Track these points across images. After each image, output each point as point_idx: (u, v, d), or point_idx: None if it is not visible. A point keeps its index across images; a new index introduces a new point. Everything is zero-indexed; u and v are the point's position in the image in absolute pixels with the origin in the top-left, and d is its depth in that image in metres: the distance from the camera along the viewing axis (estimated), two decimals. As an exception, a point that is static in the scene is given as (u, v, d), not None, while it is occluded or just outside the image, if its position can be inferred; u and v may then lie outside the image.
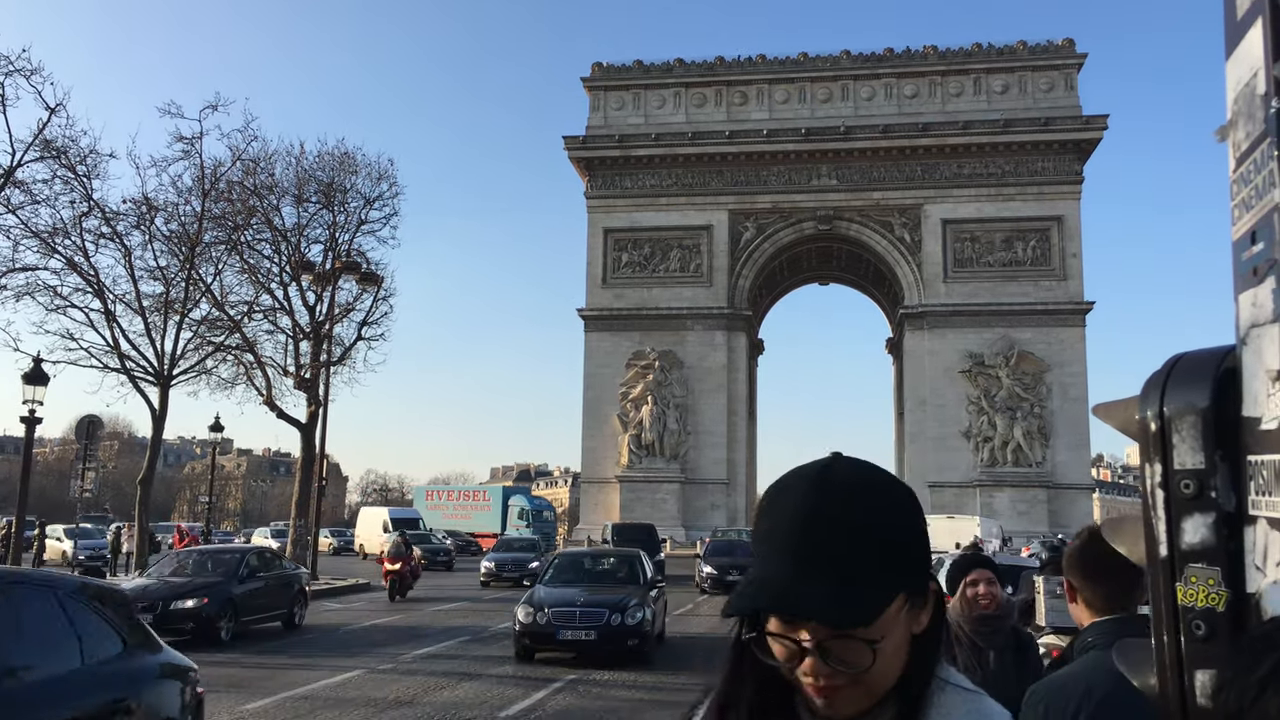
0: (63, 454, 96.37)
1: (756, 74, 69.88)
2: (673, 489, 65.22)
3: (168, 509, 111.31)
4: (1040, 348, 62.93)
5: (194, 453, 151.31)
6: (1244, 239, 0.94)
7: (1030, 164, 65.56)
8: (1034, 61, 66.83)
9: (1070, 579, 2.70)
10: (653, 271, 68.64)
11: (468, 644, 18.74)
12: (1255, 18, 0.91)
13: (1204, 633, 0.98)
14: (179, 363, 26.77)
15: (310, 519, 34.36)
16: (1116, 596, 2.61)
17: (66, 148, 24.21)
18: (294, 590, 21.04)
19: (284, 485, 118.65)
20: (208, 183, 28.80)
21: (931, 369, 64.34)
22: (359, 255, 35.20)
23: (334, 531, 66.58)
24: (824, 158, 67.82)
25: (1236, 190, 0.97)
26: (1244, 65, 0.94)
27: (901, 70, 68.20)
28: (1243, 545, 0.95)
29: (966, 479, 62.57)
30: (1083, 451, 64.18)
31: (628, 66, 71.73)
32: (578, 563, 19.44)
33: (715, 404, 66.92)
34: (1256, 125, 0.92)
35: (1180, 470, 1.00)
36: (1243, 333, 0.94)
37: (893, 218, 66.93)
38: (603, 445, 67.57)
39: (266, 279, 33.57)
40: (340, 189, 35.40)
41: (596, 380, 67.96)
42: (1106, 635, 2.49)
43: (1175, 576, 1.00)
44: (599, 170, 70.15)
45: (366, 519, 58.95)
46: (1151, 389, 1.05)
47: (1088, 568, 2.63)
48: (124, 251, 26.09)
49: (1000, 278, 64.68)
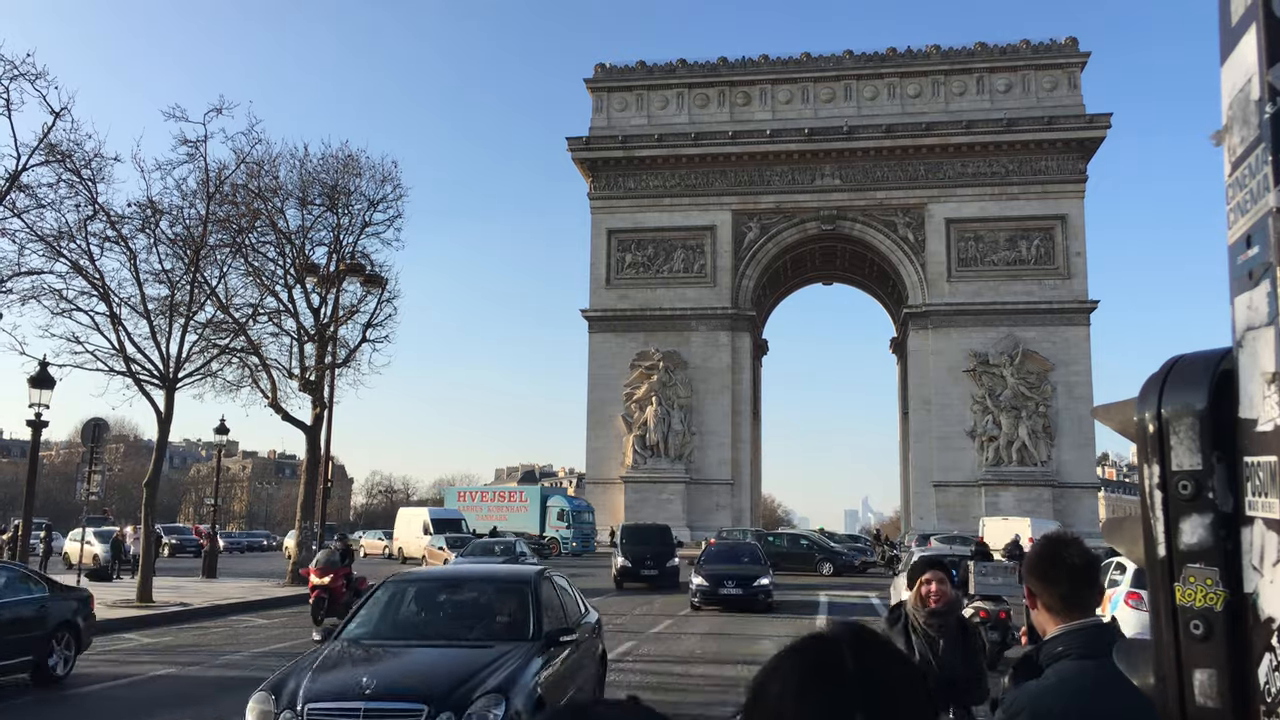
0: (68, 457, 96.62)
1: (759, 74, 69.88)
2: (678, 489, 65.20)
3: (173, 512, 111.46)
4: (1045, 346, 62.85)
5: (199, 455, 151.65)
6: (1239, 242, 0.95)
7: (1034, 163, 65.47)
8: (1037, 60, 66.75)
9: (1029, 586, 2.75)
10: (656, 272, 68.65)
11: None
12: (1249, 25, 0.92)
13: (1202, 632, 0.98)
14: (184, 365, 26.75)
15: (316, 521, 34.39)
16: (1073, 598, 2.65)
17: (72, 151, 24.21)
18: (52, 624, 14.31)
19: (289, 487, 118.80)
20: (212, 186, 28.81)
21: (936, 368, 64.26)
22: (363, 257, 35.22)
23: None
24: (827, 157, 67.79)
25: (1232, 194, 0.97)
26: (1238, 71, 0.94)
27: (904, 70, 68.15)
28: (1240, 545, 0.95)
29: (971, 478, 62.48)
30: (1088, 450, 64.06)
31: (631, 67, 71.76)
32: (425, 594, 10.39)
33: (719, 404, 66.91)
34: (1251, 130, 0.93)
35: (1178, 471, 1.00)
36: (1239, 336, 0.94)
37: (896, 217, 66.88)
38: (607, 446, 67.58)
39: (271, 281, 33.62)
40: (344, 191, 35.44)
41: (601, 381, 67.97)
42: (1075, 643, 2.54)
43: (1174, 576, 1.01)
44: (602, 171, 70.17)
45: (405, 520, 54.88)
46: (1149, 391, 1.06)
47: (1043, 571, 2.69)
48: (129, 255, 26.08)
49: (1004, 277, 64.61)
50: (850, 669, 1.02)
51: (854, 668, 1.02)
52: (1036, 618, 2.76)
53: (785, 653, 1.10)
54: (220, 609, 24.98)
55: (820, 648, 1.07)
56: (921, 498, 64.39)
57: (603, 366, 67.99)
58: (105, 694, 13.79)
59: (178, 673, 15.38)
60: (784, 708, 1.02)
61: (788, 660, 1.07)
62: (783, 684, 1.04)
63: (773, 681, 1.06)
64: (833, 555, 43.20)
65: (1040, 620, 2.73)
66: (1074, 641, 2.57)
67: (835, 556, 43.09)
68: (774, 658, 1.10)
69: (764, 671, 1.09)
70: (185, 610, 23.51)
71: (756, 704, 1.07)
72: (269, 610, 25.85)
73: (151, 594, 24.82)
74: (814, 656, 1.06)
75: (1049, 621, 2.68)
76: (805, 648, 1.09)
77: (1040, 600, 2.72)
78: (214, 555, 37.47)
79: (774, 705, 1.03)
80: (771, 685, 1.06)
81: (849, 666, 1.02)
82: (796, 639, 1.14)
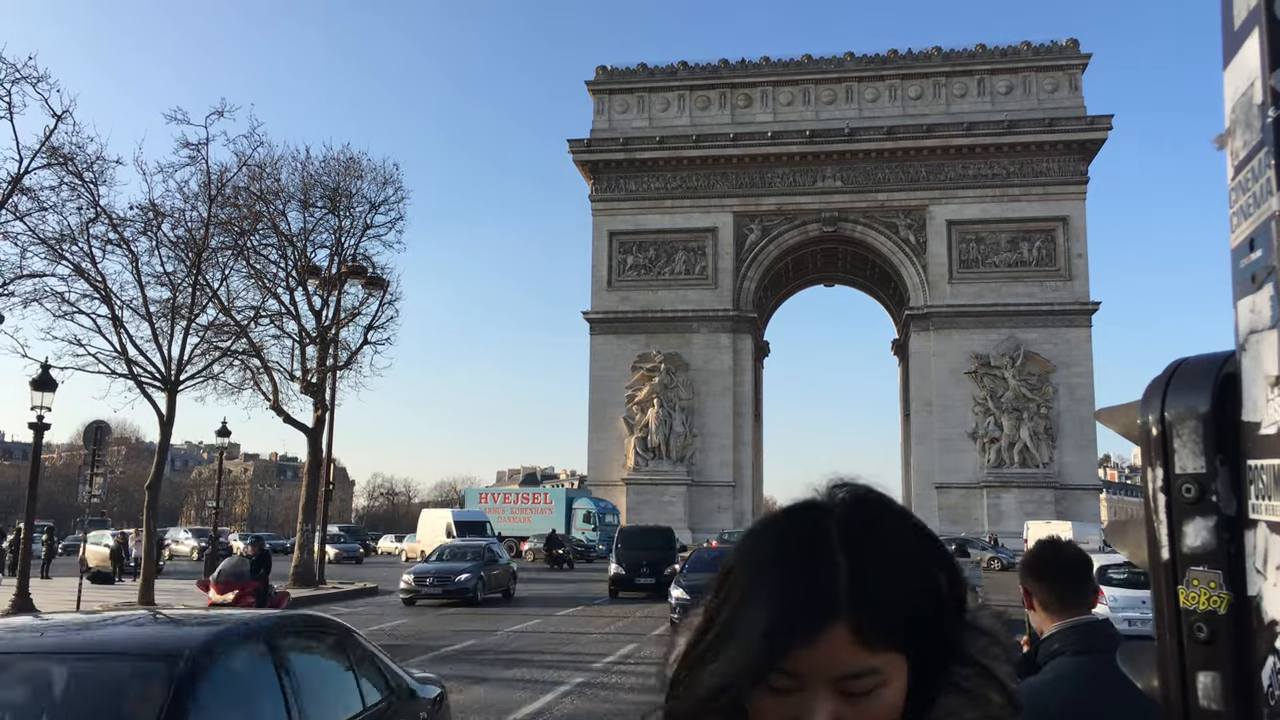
0: (70, 459, 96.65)
1: (760, 76, 69.93)
2: (679, 491, 65.21)
3: (175, 514, 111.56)
4: (1046, 348, 62.83)
5: (201, 458, 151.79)
6: (1242, 246, 0.95)
7: (1035, 164, 65.49)
8: (1038, 62, 66.78)
9: (1025, 586, 2.84)
10: (658, 274, 68.69)
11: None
12: (1252, 28, 0.92)
13: (1205, 635, 0.98)
14: (186, 368, 26.77)
15: (318, 523, 34.42)
16: (1068, 595, 2.74)
17: (73, 154, 24.24)
18: None
19: (291, 489, 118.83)
20: (214, 188, 28.85)
21: (937, 370, 64.25)
22: (365, 259, 35.26)
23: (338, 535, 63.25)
24: (828, 159, 67.82)
25: (1235, 198, 0.98)
26: (1241, 75, 0.95)
27: (905, 72, 68.19)
28: (1243, 549, 0.96)
29: (973, 480, 62.46)
30: (1090, 452, 64.03)
31: (632, 69, 71.83)
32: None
33: (721, 406, 66.93)
34: (1254, 134, 0.93)
35: (1182, 474, 1.01)
36: (1242, 339, 0.95)
37: (897, 219, 66.90)
38: (609, 448, 67.61)
39: (273, 284, 33.63)
40: (346, 193, 35.46)
41: (602, 383, 68.01)
42: (1071, 640, 2.62)
43: (1177, 579, 1.01)
44: (604, 173, 70.22)
45: (428, 522, 53.67)
46: (1153, 394, 1.06)
47: (1037, 570, 2.81)
48: (131, 257, 26.10)
49: (1006, 278, 64.61)
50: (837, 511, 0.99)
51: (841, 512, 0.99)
52: (1034, 618, 2.83)
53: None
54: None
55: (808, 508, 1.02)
56: (923, 499, 64.35)
57: (604, 369, 68.03)
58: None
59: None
60: (762, 538, 1.00)
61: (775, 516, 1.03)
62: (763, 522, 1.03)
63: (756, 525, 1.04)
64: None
65: (1037, 620, 2.81)
66: (1070, 639, 2.63)
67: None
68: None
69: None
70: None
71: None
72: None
73: (153, 598, 24.84)
74: (801, 512, 1.01)
75: (1046, 620, 2.75)
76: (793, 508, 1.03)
77: (1037, 599, 2.79)
78: (216, 559, 37.51)
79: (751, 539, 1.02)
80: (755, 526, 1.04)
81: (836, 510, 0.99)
82: None
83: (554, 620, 23.87)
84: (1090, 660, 2.53)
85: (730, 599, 0.98)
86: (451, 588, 27.02)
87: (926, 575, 0.97)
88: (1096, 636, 2.63)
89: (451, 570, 27.64)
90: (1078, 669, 2.53)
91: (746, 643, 0.92)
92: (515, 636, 20.38)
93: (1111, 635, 2.70)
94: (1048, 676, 2.56)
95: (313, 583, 32.18)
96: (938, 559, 1.00)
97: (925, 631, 0.95)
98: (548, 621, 23.45)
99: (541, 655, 17.48)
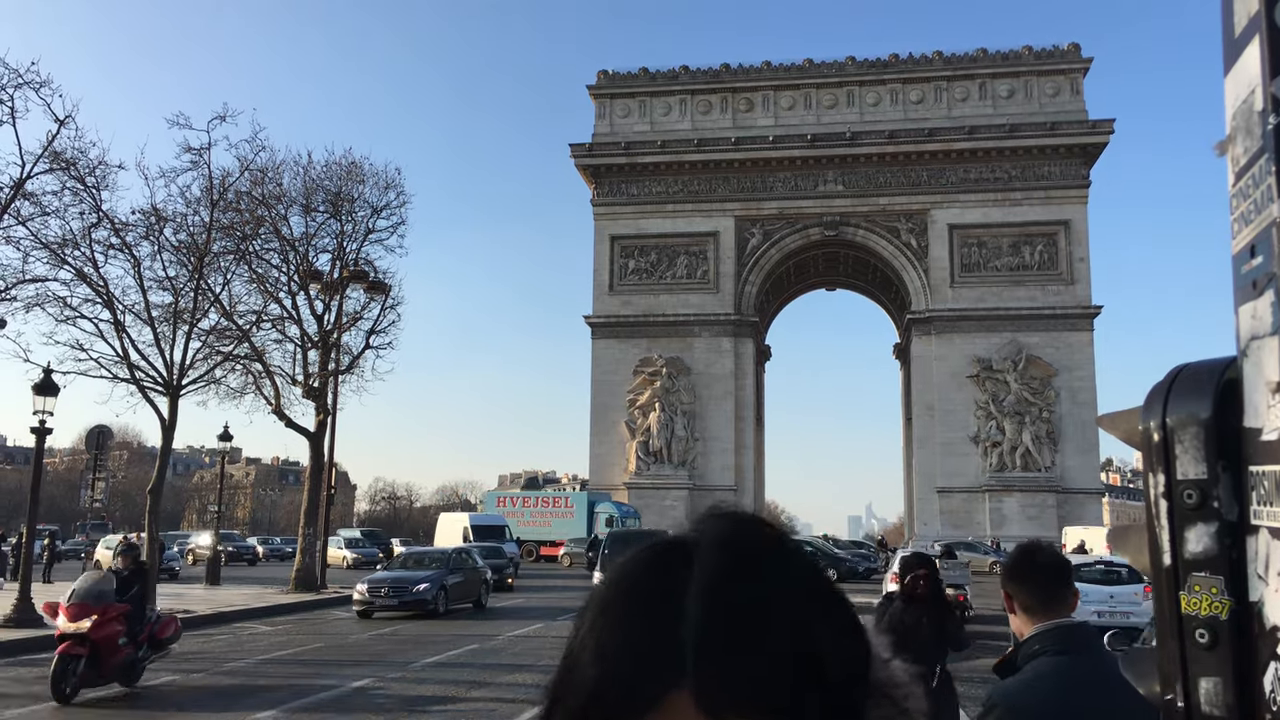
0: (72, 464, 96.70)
1: (762, 81, 69.98)
2: (680, 495, 65.17)
3: (177, 518, 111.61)
4: (1048, 352, 62.80)
5: (203, 462, 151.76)
6: (1243, 252, 0.96)
7: (1036, 168, 65.51)
8: (1039, 66, 66.82)
9: (1005, 590, 2.90)
10: (659, 278, 68.71)
11: None
12: (1252, 35, 0.93)
13: (1207, 641, 0.99)
14: (188, 372, 26.79)
15: (319, 527, 34.42)
16: (1047, 598, 2.80)
17: (76, 159, 24.29)
18: None
19: (293, 494, 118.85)
20: (216, 193, 28.90)
21: (939, 374, 64.22)
22: (366, 264, 35.30)
23: (349, 542, 59.65)
24: (830, 164, 67.85)
25: (1236, 204, 0.98)
26: (1242, 82, 0.95)
27: (907, 76, 68.24)
28: (1245, 554, 0.96)
29: (975, 484, 62.41)
30: (1092, 456, 63.95)
31: (634, 74, 71.91)
32: None
33: (723, 410, 66.92)
34: (1254, 141, 0.93)
35: (1183, 480, 1.01)
36: (1243, 345, 0.95)
37: (899, 223, 66.92)
38: (610, 452, 67.60)
39: (275, 288, 33.67)
40: (348, 198, 35.52)
41: (604, 387, 68.01)
42: (1050, 641, 2.68)
43: (1179, 585, 1.01)
44: (605, 178, 70.28)
45: (445, 526, 52.62)
46: (1154, 400, 1.06)
47: (1019, 575, 2.87)
48: (133, 262, 26.14)
49: (1007, 282, 64.60)
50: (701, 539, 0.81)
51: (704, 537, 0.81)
52: (1015, 621, 2.89)
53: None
54: (225, 616, 24.97)
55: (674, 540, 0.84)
56: (925, 504, 64.30)
57: (606, 373, 68.04)
58: (100, 702, 13.58)
59: (181, 680, 15.29)
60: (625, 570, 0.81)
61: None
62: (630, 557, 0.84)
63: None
64: (837, 562, 43.07)
65: (1018, 624, 2.86)
66: (1049, 640, 2.69)
67: (839, 563, 42.98)
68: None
69: None
70: (189, 618, 23.50)
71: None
72: (273, 617, 25.86)
73: (155, 601, 24.82)
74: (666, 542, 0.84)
75: (1026, 623, 2.81)
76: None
77: (1017, 601, 2.85)
78: (217, 563, 37.53)
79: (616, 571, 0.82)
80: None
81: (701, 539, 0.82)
82: None
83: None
84: (1070, 660, 2.59)
85: (580, 638, 0.80)
86: (409, 598, 25.05)
87: (804, 631, 0.76)
88: (1076, 638, 2.69)
89: (409, 579, 25.76)
90: (1057, 669, 2.58)
91: (576, 708, 0.76)
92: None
93: (1090, 637, 2.78)
94: (1027, 676, 2.62)
95: (314, 587, 32.17)
96: (828, 611, 0.80)
97: (801, 700, 0.74)
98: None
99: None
